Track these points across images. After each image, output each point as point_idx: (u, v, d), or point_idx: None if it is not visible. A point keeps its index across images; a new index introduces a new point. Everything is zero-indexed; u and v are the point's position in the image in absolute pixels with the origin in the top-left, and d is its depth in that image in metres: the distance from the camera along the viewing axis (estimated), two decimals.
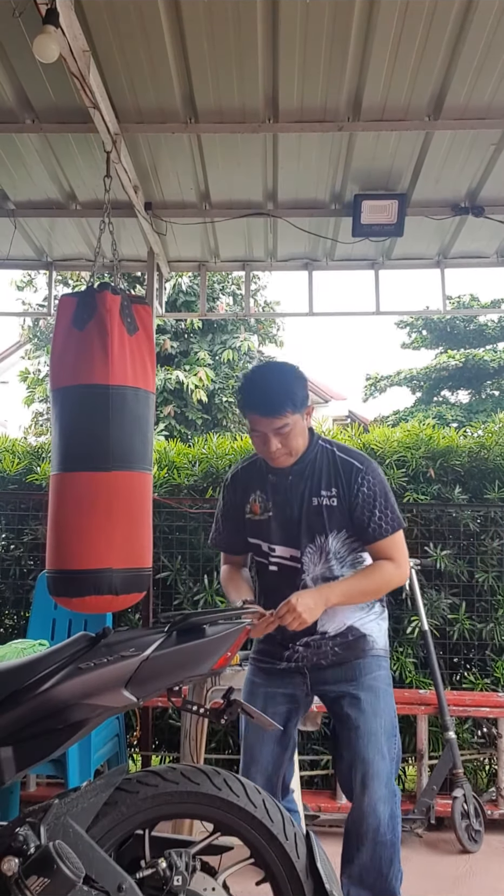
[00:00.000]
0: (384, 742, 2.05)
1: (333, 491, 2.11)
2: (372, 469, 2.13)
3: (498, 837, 3.22)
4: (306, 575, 2.13)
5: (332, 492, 2.11)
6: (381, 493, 2.10)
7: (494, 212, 3.89)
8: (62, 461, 2.69)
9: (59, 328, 2.78)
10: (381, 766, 2.01)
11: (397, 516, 2.12)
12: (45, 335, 12.16)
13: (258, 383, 2.11)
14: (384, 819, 1.98)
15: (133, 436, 2.70)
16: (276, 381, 2.10)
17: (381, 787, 2.00)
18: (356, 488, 2.09)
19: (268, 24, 2.75)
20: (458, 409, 17.32)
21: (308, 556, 2.13)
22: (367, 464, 2.14)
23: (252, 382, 2.12)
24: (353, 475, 2.10)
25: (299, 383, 2.12)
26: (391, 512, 2.11)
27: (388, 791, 2.01)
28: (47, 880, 1.39)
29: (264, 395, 2.07)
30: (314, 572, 2.13)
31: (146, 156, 3.52)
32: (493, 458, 3.91)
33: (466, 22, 2.72)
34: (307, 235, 4.11)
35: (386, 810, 1.98)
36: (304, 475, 2.14)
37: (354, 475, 2.10)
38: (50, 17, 2.30)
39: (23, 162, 3.59)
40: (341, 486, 2.11)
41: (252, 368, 2.22)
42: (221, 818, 1.65)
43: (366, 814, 1.98)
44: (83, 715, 1.57)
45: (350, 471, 2.12)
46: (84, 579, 2.59)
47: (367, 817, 1.98)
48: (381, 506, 2.09)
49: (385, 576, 2.09)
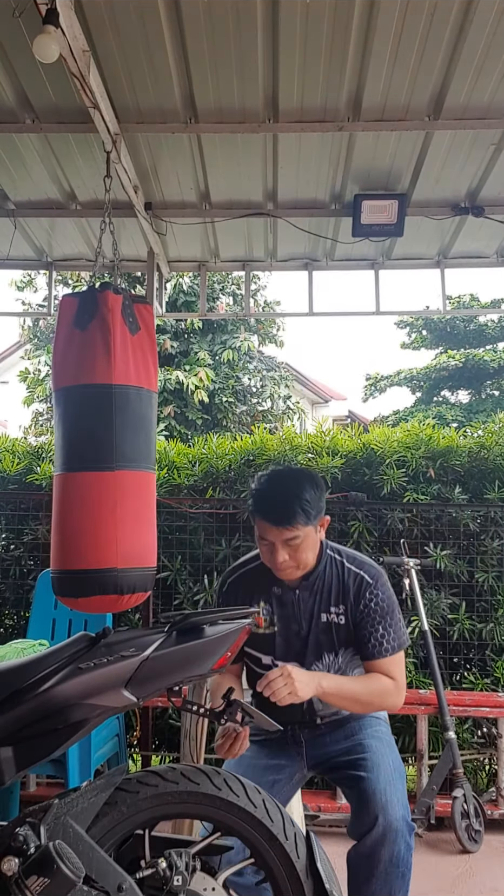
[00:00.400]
0: (398, 779, 1.91)
1: (341, 608, 2.02)
2: (381, 583, 2.03)
3: (498, 837, 3.22)
4: None
5: (340, 608, 2.02)
6: (388, 610, 2.00)
7: (494, 212, 3.89)
8: (66, 461, 2.69)
9: (61, 328, 2.78)
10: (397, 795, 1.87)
11: (401, 635, 2.02)
12: (46, 335, 12.16)
13: (271, 489, 2.00)
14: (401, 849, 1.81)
15: (137, 435, 2.70)
16: (289, 490, 1.97)
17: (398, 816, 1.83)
18: (363, 603, 2.00)
19: (268, 23, 2.75)
20: (458, 409, 17.34)
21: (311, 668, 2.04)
22: (376, 577, 2.04)
23: (265, 488, 2.01)
24: (362, 589, 2.01)
25: (315, 493, 1.99)
26: (395, 630, 2.00)
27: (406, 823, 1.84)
28: (47, 880, 1.39)
29: (275, 503, 1.96)
30: None
31: (146, 156, 3.53)
32: (493, 458, 3.91)
33: (466, 22, 2.72)
34: (307, 235, 4.11)
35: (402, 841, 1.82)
36: (312, 590, 2.04)
37: (363, 589, 2.01)
38: (50, 17, 2.30)
39: (23, 162, 3.59)
40: (349, 601, 2.02)
41: (268, 472, 2.08)
42: (221, 818, 1.65)
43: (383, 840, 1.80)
44: (83, 715, 1.57)
45: (359, 585, 2.02)
46: (89, 579, 2.58)
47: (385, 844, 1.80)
48: (387, 623, 1.99)
49: (383, 690, 1.96)
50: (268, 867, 1.64)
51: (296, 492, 1.96)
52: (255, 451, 3.99)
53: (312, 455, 3.93)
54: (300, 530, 1.95)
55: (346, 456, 3.94)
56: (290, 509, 1.93)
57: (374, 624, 1.98)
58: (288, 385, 13.46)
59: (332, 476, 3.82)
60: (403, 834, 1.81)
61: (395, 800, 1.84)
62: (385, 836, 1.79)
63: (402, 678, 1.99)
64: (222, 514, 3.85)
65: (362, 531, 3.76)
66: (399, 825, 1.81)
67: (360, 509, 3.79)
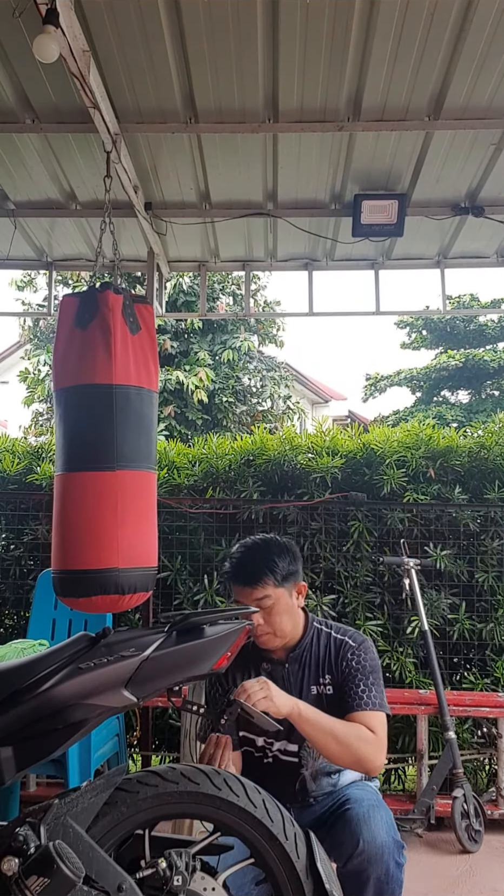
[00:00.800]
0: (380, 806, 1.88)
1: (328, 677, 2.01)
2: (365, 647, 2.04)
3: (498, 837, 3.22)
4: (305, 770, 2.02)
5: (327, 678, 2.02)
6: (370, 670, 1.99)
7: (494, 212, 3.90)
8: (67, 461, 2.69)
9: (62, 328, 2.78)
10: (380, 814, 1.83)
11: (383, 699, 1.97)
12: (46, 335, 12.16)
13: (242, 554, 2.08)
14: (390, 867, 1.77)
15: (138, 435, 2.70)
16: (258, 553, 2.05)
17: (382, 831, 1.79)
18: (345, 663, 2.00)
19: (268, 23, 2.75)
20: (458, 409, 17.35)
21: (306, 750, 2.01)
22: (360, 641, 2.05)
23: (237, 553, 2.09)
24: (345, 651, 2.02)
25: (285, 557, 2.04)
26: (376, 690, 1.97)
27: (392, 840, 1.80)
28: (47, 880, 1.39)
29: (244, 565, 2.04)
30: (313, 766, 2.03)
31: (146, 156, 3.53)
32: (493, 458, 3.91)
33: (466, 22, 2.72)
34: (307, 235, 4.11)
35: (390, 859, 1.77)
36: (301, 662, 2.05)
37: (346, 651, 2.02)
38: (50, 17, 2.30)
39: (23, 162, 3.59)
40: (334, 668, 2.01)
41: (242, 540, 2.16)
42: (221, 818, 1.64)
43: (370, 859, 1.75)
44: (83, 715, 1.57)
45: (344, 648, 2.03)
46: (91, 579, 2.58)
47: (372, 863, 1.75)
48: (368, 682, 1.97)
49: (361, 735, 1.87)
50: (268, 867, 1.63)
51: (264, 554, 2.04)
52: (255, 451, 3.99)
53: (312, 455, 3.93)
54: (269, 590, 1.99)
55: (346, 456, 3.94)
56: (258, 570, 2.00)
57: (356, 681, 1.97)
58: (288, 385, 13.46)
59: (332, 476, 3.81)
60: (391, 850, 1.77)
61: (378, 817, 1.82)
62: (371, 854, 1.76)
63: (383, 736, 1.93)
64: (222, 514, 3.85)
65: (362, 531, 3.76)
66: (383, 840, 1.77)
67: (360, 509, 3.79)
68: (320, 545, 3.78)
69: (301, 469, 3.89)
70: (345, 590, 3.73)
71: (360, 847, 1.76)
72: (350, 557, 3.77)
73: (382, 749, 1.92)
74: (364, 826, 1.79)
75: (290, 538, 3.74)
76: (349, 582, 3.75)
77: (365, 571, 3.75)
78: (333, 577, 3.76)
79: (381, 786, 3.76)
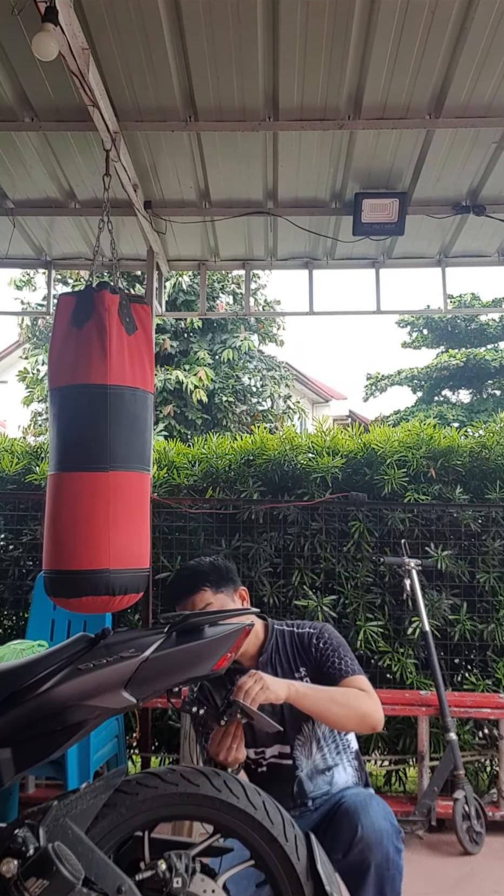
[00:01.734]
0: (374, 798, 1.90)
1: (303, 670, 2.06)
2: (326, 629, 2.12)
3: (499, 839, 3.21)
4: (300, 771, 2.03)
5: (302, 670, 2.06)
6: (338, 645, 2.07)
7: (496, 210, 3.89)
8: (60, 461, 2.68)
9: (58, 327, 2.77)
10: (374, 802, 1.86)
11: (358, 666, 2.05)
12: (44, 334, 12.16)
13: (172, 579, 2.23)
14: (390, 851, 1.77)
15: (131, 436, 2.69)
16: (185, 571, 2.17)
17: (380, 817, 1.81)
18: (314, 650, 2.06)
19: (268, 21, 2.74)
20: (460, 408, 17.34)
21: (299, 749, 2.03)
22: (320, 627, 2.12)
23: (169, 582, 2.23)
24: (310, 639, 2.08)
25: (215, 569, 2.12)
26: (350, 659, 2.05)
27: (390, 825, 1.82)
28: (46, 882, 1.38)
29: (174, 585, 2.16)
30: (308, 766, 2.03)
31: (146, 154, 3.52)
32: (495, 457, 3.90)
33: (467, 20, 2.71)
34: (307, 234, 4.10)
35: (389, 844, 1.78)
36: (272, 664, 2.08)
37: (310, 639, 2.08)
38: (49, 15, 2.29)
39: (22, 160, 3.58)
40: (306, 659, 2.07)
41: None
42: (221, 820, 1.63)
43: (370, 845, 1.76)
44: (82, 716, 1.56)
45: (308, 639, 2.09)
46: (81, 580, 2.58)
47: (372, 849, 1.76)
48: (339, 653, 2.05)
49: (357, 694, 1.95)
50: (268, 869, 1.63)
51: (192, 571, 2.14)
52: (255, 451, 3.98)
53: (313, 455, 3.92)
54: (208, 596, 2.06)
55: (347, 456, 3.93)
56: (187, 584, 2.09)
57: (330, 659, 2.04)
58: (288, 385, 13.46)
59: (333, 476, 3.81)
60: (390, 835, 1.79)
61: (374, 804, 1.84)
62: (370, 840, 1.76)
63: (374, 693, 1.99)
64: (222, 514, 3.84)
65: (363, 531, 3.75)
66: (382, 825, 1.79)
67: (361, 509, 3.78)
68: (321, 545, 3.77)
69: (301, 469, 3.89)
70: (345, 590, 3.72)
71: (359, 834, 1.77)
72: (351, 558, 3.76)
73: (378, 702, 1.98)
74: (362, 813, 1.81)
75: (291, 538, 3.76)
76: (350, 582, 3.74)
77: (365, 572, 3.74)
78: (334, 577, 3.76)
79: (382, 787, 3.76)
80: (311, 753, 2.04)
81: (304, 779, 2.03)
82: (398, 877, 1.78)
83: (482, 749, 3.63)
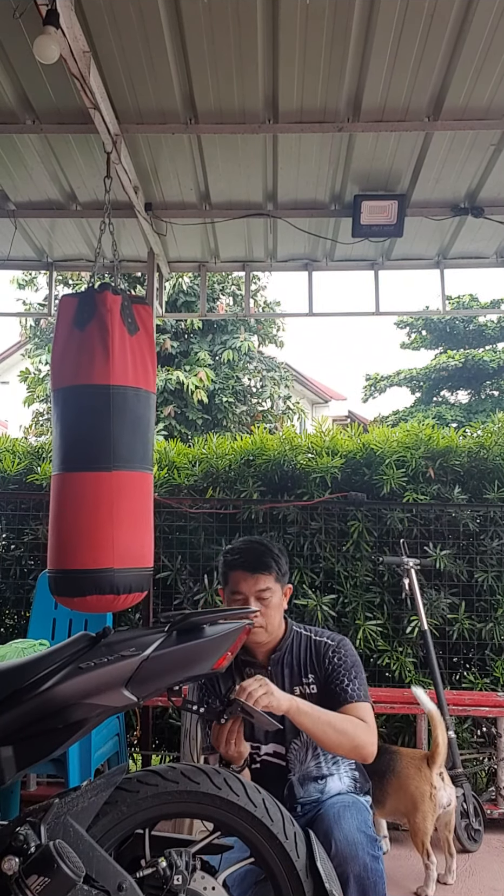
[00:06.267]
0: (351, 807, 1.91)
1: (311, 677, 2.05)
2: (344, 645, 2.09)
3: (497, 836, 3.22)
4: (292, 774, 2.03)
5: (310, 678, 2.05)
6: (352, 665, 2.05)
7: (494, 212, 3.90)
8: (63, 461, 2.70)
9: (60, 328, 2.78)
10: (349, 813, 1.86)
11: (367, 692, 2.03)
12: (46, 335, 12.16)
13: (244, 545, 2.16)
14: (367, 860, 1.77)
15: (134, 436, 2.70)
16: (262, 545, 2.14)
17: (352, 828, 1.80)
18: (328, 661, 2.05)
19: (268, 24, 2.75)
20: (458, 409, 17.34)
21: (294, 753, 2.03)
22: (339, 641, 2.10)
23: (237, 545, 2.17)
24: (325, 651, 2.07)
25: (282, 557, 2.14)
26: (359, 684, 2.02)
27: (364, 835, 1.82)
28: (48, 879, 1.39)
29: (249, 552, 2.10)
30: (301, 771, 2.03)
31: (146, 156, 3.53)
32: (493, 458, 3.92)
33: (466, 22, 2.73)
34: (307, 236, 4.12)
35: (364, 854, 1.78)
36: (282, 664, 2.08)
37: (326, 650, 2.07)
38: (50, 18, 2.30)
39: (23, 163, 3.59)
40: (316, 667, 2.06)
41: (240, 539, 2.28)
42: (221, 817, 1.65)
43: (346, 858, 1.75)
44: (83, 714, 1.57)
45: (325, 649, 2.07)
46: (85, 579, 2.59)
47: (348, 861, 1.75)
48: (351, 675, 2.02)
49: (356, 724, 1.92)
50: (268, 866, 1.64)
51: (269, 548, 2.13)
52: (254, 451, 3.99)
53: (312, 455, 3.94)
54: (271, 583, 2.06)
55: (346, 456, 3.94)
56: (263, 558, 2.08)
57: (341, 677, 2.02)
58: (288, 385, 13.46)
59: (332, 476, 3.82)
60: (364, 846, 1.79)
61: (348, 816, 1.84)
62: (345, 853, 1.76)
63: (373, 724, 1.98)
64: (222, 514, 3.85)
65: (362, 531, 3.76)
66: (355, 837, 1.79)
67: (360, 509, 3.79)
68: (320, 545, 3.78)
69: (301, 469, 3.90)
70: (344, 589, 3.74)
71: (334, 848, 1.77)
72: (350, 557, 3.77)
73: (374, 734, 1.97)
74: (335, 827, 1.82)
75: (290, 538, 3.77)
76: (349, 582, 3.75)
77: (365, 571, 3.76)
78: (333, 576, 3.77)
79: None
80: (306, 759, 2.04)
81: (294, 783, 2.03)
82: (379, 881, 1.79)
83: (480, 747, 3.65)
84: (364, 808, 1.96)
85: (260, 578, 2.04)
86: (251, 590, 2.04)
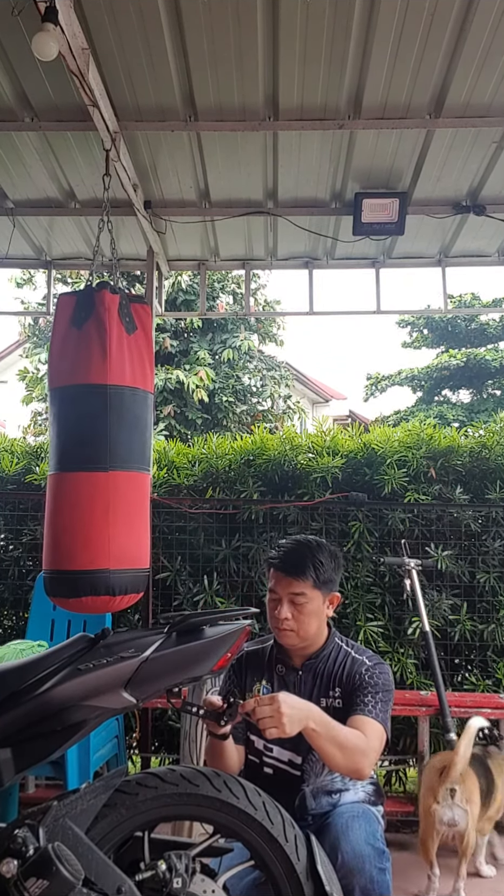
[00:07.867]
0: (360, 817, 1.87)
1: (338, 690, 1.99)
2: (382, 668, 2.00)
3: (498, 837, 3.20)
4: (306, 785, 1.97)
5: (337, 691, 1.99)
6: (382, 688, 1.96)
7: (496, 210, 3.88)
8: (60, 461, 2.68)
9: (58, 327, 2.77)
10: (357, 823, 1.82)
11: (386, 718, 1.93)
12: (45, 334, 12.15)
13: (290, 543, 2.08)
14: (373, 874, 1.74)
15: (131, 436, 2.69)
16: (308, 548, 2.04)
17: (360, 840, 1.77)
18: (357, 677, 1.97)
19: (268, 21, 2.74)
20: (460, 408, 17.34)
21: (310, 764, 1.97)
22: (376, 662, 2.02)
23: (286, 542, 2.09)
24: (359, 667, 1.99)
25: (331, 561, 2.04)
26: (382, 707, 1.93)
27: (371, 847, 1.79)
28: (46, 882, 1.38)
29: (290, 554, 2.03)
30: (315, 783, 1.98)
31: (146, 154, 3.51)
32: (495, 457, 3.90)
33: (467, 20, 2.71)
34: (307, 234, 4.10)
35: (371, 867, 1.75)
36: (314, 672, 2.03)
37: (359, 667, 1.99)
38: (49, 15, 2.29)
39: (22, 160, 3.58)
40: (344, 681, 1.99)
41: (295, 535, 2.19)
42: (221, 820, 1.64)
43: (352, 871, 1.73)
44: (82, 716, 1.57)
45: (357, 666, 2.00)
46: (81, 580, 2.58)
47: (354, 874, 1.72)
48: (378, 696, 1.93)
49: (358, 741, 1.83)
50: (268, 869, 1.63)
51: (314, 553, 2.02)
52: (255, 451, 3.98)
53: (312, 455, 3.92)
54: (307, 588, 1.98)
55: (347, 456, 3.93)
56: (303, 564, 1.99)
57: (366, 692, 1.94)
58: (288, 385, 13.46)
59: (333, 476, 3.80)
60: (371, 859, 1.76)
61: (356, 827, 1.81)
62: (352, 866, 1.73)
63: (378, 748, 1.89)
64: (222, 514, 3.84)
65: (363, 531, 3.75)
66: (362, 850, 1.76)
67: (361, 509, 3.78)
68: None
69: (301, 469, 3.88)
70: (345, 590, 3.72)
71: (340, 860, 1.75)
72: (351, 558, 3.75)
73: (371, 756, 1.87)
74: (342, 839, 1.79)
75: None
76: (350, 582, 3.73)
77: (366, 572, 3.74)
78: None
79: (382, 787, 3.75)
80: (321, 772, 1.98)
81: (307, 794, 1.98)
82: (385, 894, 1.77)
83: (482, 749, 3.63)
84: (374, 819, 1.92)
85: (294, 583, 1.98)
86: (285, 591, 1.99)
